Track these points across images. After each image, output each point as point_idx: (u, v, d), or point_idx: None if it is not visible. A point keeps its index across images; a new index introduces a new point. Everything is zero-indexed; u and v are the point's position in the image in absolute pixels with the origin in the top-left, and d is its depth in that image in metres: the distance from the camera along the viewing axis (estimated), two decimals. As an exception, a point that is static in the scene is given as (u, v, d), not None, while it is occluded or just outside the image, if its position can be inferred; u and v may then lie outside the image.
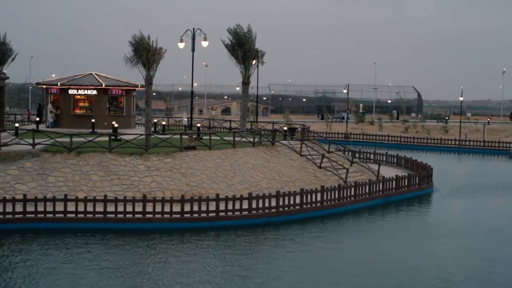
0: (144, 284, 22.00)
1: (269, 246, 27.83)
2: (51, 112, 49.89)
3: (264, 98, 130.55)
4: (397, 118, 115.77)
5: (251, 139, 41.47)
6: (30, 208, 29.61)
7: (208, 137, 39.79)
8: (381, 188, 38.71)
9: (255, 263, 24.98)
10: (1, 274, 22.62)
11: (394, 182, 39.85)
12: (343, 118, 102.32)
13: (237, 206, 31.54)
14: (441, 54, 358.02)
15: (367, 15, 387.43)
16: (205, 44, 47.61)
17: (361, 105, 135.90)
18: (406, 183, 40.81)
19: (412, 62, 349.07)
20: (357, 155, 47.39)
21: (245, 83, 47.07)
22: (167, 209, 30.47)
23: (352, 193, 36.59)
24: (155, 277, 22.80)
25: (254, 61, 47.09)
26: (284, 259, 25.55)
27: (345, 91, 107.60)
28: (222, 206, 31.15)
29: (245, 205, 31.69)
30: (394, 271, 24.32)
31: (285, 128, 48.76)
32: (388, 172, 44.33)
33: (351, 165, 42.93)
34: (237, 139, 40.60)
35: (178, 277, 22.76)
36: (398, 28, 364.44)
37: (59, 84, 50.22)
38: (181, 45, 47.75)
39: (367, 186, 37.74)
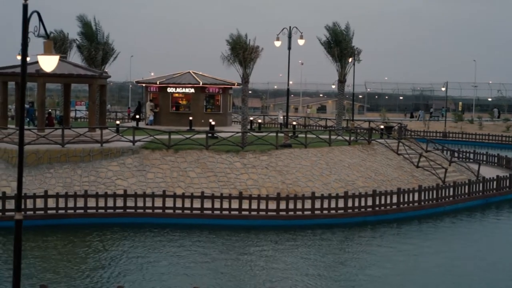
0: (243, 277, 22.24)
1: (364, 245, 27.60)
2: (151, 110, 51.08)
3: (360, 96, 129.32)
4: (498, 117, 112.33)
5: (347, 138, 41.20)
6: (130, 203, 30.43)
7: (303, 135, 39.79)
8: (481, 188, 37.70)
9: (349, 261, 24.82)
10: (115, 265, 23.36)
11: (495, 182, 38.72)
12: (418, 116, 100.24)
13: (333, 205, 31.40)
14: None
15: (470, 12, 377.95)
16: (301, 42, 47.58)
17: (460, 103, 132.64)
18: (508, 184, 39.57)
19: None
20: (456, 154, 46.32)
21: (341, 81, 46.79)
22: (262, 206, 30.66)
23: (451, 193, 35.78)
24: (258, 272, 23.00)
25: (350, 59, 46.77)
26: (379, 259, 25.27)
27: (443, 89, 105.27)
28: (317, 205, 31.09)
29: (341, 203, 31.51)
30: (493, 280, 23.64)
31: (382, 127, 48.18)
32: (489, 172, 43.12)
33: (449, 165, 42.00)
34: (333, 137, 40.41)
35: (281, 273, 22.88)
36: (501, 26, 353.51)
37: (158, 83, 51.38)
38: (278, 44, 47.89)
39: (467, 186, 36.84)
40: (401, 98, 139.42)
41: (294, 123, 51.68)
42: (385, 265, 24.41)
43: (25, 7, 12.73)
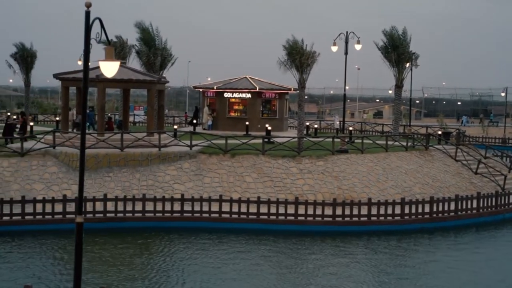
0: (300, 281, 22.26)
1: (421, 253, 27.30)
2: (209, 114, 51.46)
3: (417, 101, 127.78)
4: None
5: (404, 143, 40.81)
6: (187, 207, 30.74)
7: (360, 141, 39.57)
8: (542, 196, 36.86)
9: (405, 269, 24.59)
10: (173, 269, 23.65)
11: (556, 190, 37.82)
12: (462, 122, 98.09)
13: (389, 211, 31.16)
14: None
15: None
16: (358, 47, 47.38)
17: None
18: None
19: None
20: (516, 161, 45.39)
21: (398, 86, 46.40)
22: (318, 212, 30.60)
23: (511, 201, 35.10)
24: (311, 277, 22.99)
25: (408, 64, 46.34)
26: (435, 268, 24.96)
27: (503, 94, 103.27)
28: (374, 211, 30.88)
29: (398, 210, 31.24)
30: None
31: (439, 132, 47.54)
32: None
33: (509, 171, 41.21)
34: (389, 143, 40.08)
35: (335, 280, 22.83)
36: None
37: (215, 88, 51.74)
38: (334, 49, 47.76)
39: (527, 194, 36.08)
40: (459, 103, 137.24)
41: (351, 128, 51.35)
42: (440, 275, 24.08)
43: (87, 14, 12.99)
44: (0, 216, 28.72)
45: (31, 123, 46.67)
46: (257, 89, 50.58)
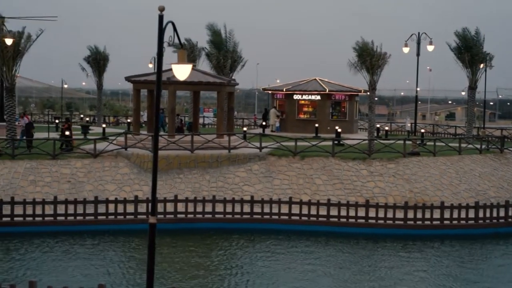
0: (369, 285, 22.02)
1: (495, 259, 26.62)
2: (277, 116, 51.46)
3: (491, 103, 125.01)
4: None
5: (478, 146, 39.91)
6: (256, 209, 30.75)
7: (432, 143, 38.88)
8: None
9: (481, 277, 24.02)
10: (243, 271, 23.72)
11: None
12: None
13: (463, 215, 30.49)
14: None
15: None
16: (430, 48, 46.64)
17: None
18: None
19: None
20: None
21: (472, 87, 45.47)
22: (389, 215, 30.20)
23: None
24: (378, 280, 22.70)
25: (481, 65, 45.33)
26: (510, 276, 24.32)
27: None
28: (447, 214, 30.28)
29: (471, 214, 30.54)
30: None
31: (515, 135, 46.32)
32: None
33: None
34: (463, 145, 39.26)
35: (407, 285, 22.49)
36: None
37: (284, 90, 51.70)
38: (406, 50, 47.16)
39: None
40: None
41: (422, 130, 50.54)
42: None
43: (160, 17, 13.05)
44: (74, 216, 29.37)
45: (104, 125, 47.54)
46: (327, 91, 50.31)
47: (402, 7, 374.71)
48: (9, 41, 36.47)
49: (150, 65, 66.22)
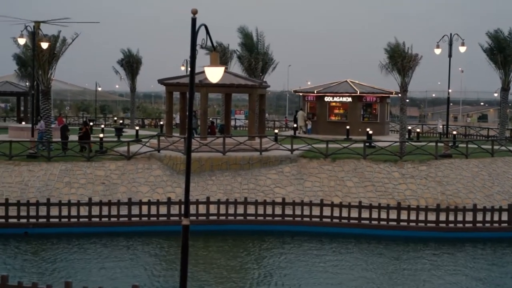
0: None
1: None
2: (308, 119, 51.50)
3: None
4: None
5: (511, 148, 39.53)
6: (288, 211, 30.85)
7: (464, 145, 38.64)
8: None
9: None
10: (277, 273, 23.85)
11: None
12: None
13: (496, 218, 30.27)
14: None
15: None
16: (462, 49, 46.25)
17: None
18: None
19: None
20: None
21: (505, 89, 45.15)
22: (421, 217, 30.10)
23: None
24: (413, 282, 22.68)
25: (515, 66, 44.94)
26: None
27: None
28: (479, 217, 30.09)
29: (505, 217, 30.30)
30: None
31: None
32: None
33: None
34: (495, 147, 38.95)
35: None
36: None
37: (315, 92, 51.76)
38: (438, 51, 46.78)
39: None
40: None
41: (454, 132, 50.18)
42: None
43: (193, 20, 13.18)
44: (108, 217, 29.75)
45: (137, 127, 47.98)
46: (358, 93, 50.28)
47: (429, 7, 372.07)
48: (44, 45, 37.10)
49: (183, 68, 66.63)
